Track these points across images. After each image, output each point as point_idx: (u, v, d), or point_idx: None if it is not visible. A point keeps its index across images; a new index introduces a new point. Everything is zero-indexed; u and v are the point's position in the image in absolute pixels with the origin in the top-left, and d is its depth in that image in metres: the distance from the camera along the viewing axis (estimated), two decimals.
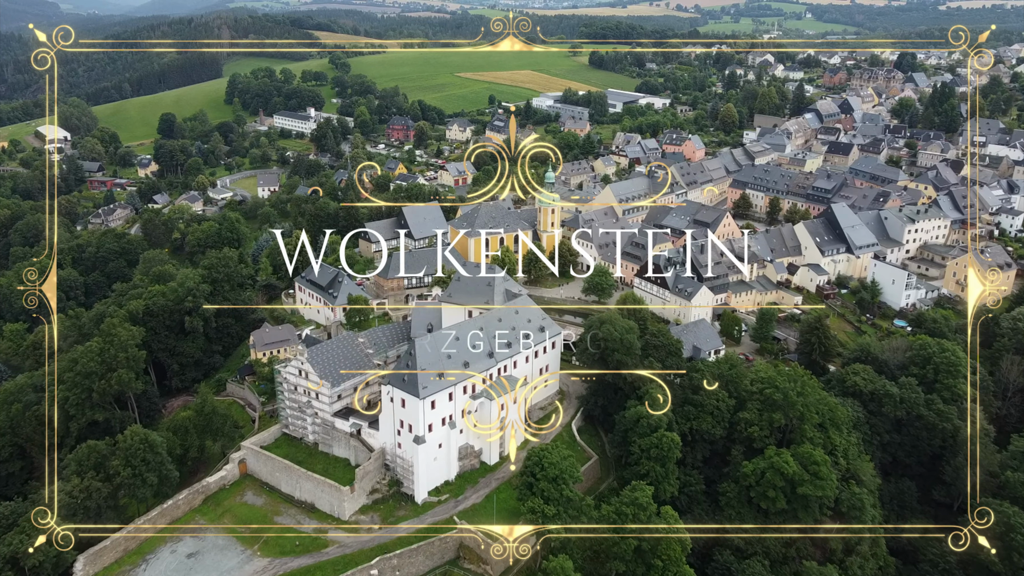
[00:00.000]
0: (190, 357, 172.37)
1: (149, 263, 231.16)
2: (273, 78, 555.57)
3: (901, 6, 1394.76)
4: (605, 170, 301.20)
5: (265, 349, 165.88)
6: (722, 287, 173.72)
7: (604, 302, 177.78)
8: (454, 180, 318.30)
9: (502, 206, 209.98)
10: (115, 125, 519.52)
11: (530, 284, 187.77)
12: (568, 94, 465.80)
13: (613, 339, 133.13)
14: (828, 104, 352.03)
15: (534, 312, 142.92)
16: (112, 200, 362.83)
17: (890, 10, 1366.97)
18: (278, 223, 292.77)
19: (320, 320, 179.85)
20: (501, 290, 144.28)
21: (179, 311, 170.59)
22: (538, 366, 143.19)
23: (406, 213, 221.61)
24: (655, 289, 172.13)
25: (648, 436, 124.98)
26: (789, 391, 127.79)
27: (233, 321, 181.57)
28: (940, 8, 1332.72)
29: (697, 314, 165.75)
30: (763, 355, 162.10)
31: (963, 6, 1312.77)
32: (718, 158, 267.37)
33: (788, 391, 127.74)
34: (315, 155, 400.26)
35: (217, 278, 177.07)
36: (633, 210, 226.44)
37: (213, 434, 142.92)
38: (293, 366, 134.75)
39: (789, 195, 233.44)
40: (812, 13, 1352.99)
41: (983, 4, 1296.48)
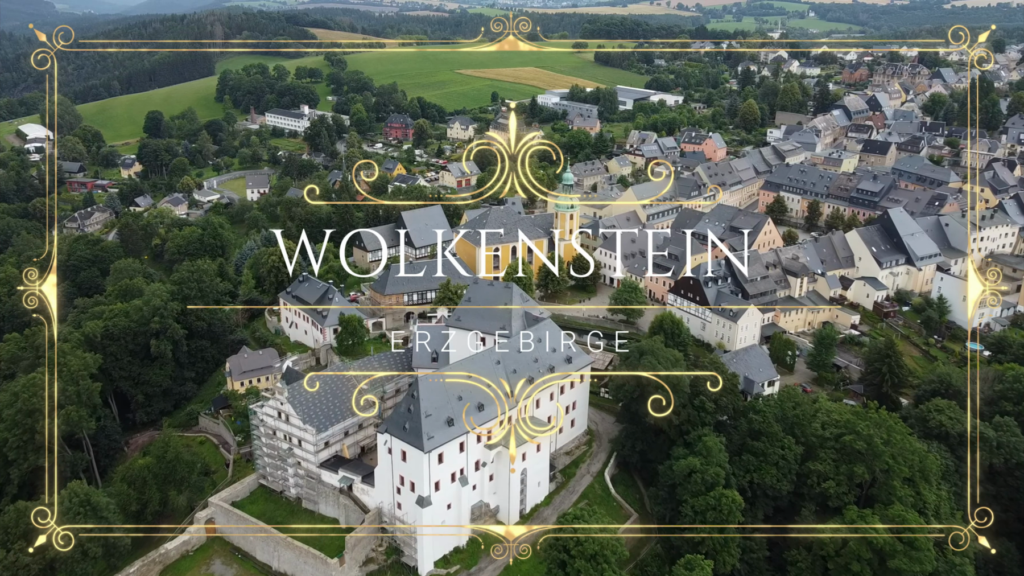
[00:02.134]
0: (157, 386, 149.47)
1: (120, 274, 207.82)
2: (266, 75, 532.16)
3: (905, 5, 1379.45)
4: (620, 171, 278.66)
5: (243, 378, 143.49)
6: (769, 305, 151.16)
7: (634, 322, 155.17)
8: (457, 181, 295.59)
9: (512, 211, 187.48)
10: (100, 124, 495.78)
11: (547, 299, 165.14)
12: (575, 91, 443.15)
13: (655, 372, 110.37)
14: (856, 100, 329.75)
15: (559, 337, 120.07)
16: (92, 202, 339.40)
17: (894, 9, 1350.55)
18: (266, 228, 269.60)
19: (308, 342, 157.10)
20: (519, 313, 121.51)
21: (144, 333, 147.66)
22: (565, 403, 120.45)
23: (406, 219, 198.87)
24: (693, 307, 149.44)
25: (703, 496, 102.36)
26: (874, 438, 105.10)
27: (208, 344, 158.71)
28: (945, 7, 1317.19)
29: (744, 338, 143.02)
30: (822, 386, 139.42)
31: (968, 5, 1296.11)
32: (746, 158, 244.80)
33: (873, 438, 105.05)
34: (308, 155, 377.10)
35: (189, 294, 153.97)
36: (657, 214, 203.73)
37: (177, 484, 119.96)
38: (271, 407, 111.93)
39: (829, 198, 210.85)
40: (815, 12, 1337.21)
41: (988, 3, 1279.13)
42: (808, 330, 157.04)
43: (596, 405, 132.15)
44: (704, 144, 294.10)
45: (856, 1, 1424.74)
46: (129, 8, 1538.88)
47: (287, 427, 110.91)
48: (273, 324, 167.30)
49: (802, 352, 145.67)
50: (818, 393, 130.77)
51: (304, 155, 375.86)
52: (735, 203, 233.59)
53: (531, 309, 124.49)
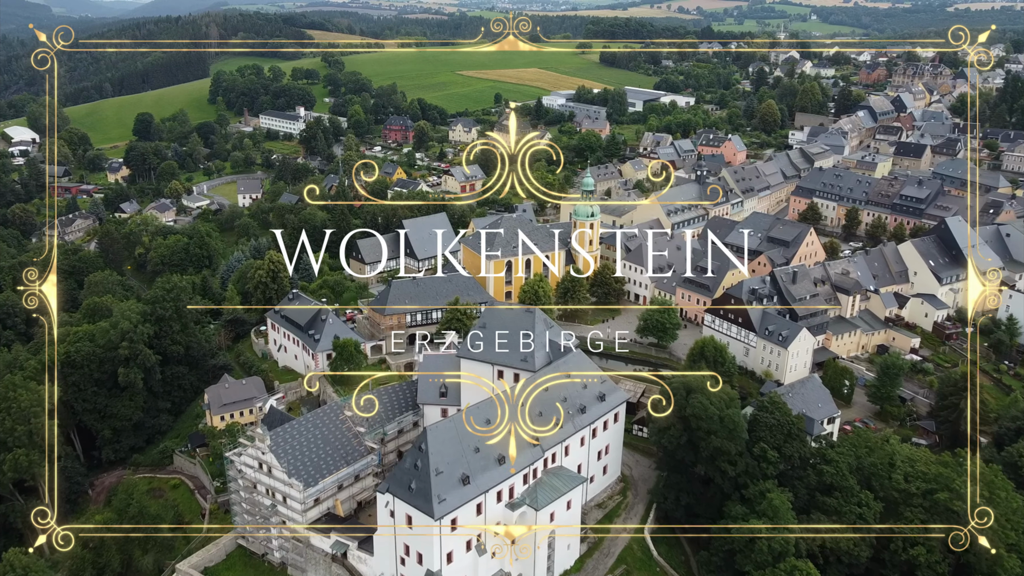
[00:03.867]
0: (126, 420, 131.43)
1: (95, 288, 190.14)
2: (261, 75, 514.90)
3: (907, 8, 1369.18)
4: (635, 175, 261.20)
5: (224, 411, 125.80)
6: (820, 327, 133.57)
7: (667, 346, 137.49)
8: (460, 186, 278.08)
9: (526, 219, 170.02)
10: (89, 127, 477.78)
11: (565, 320, 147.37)
12: (582, 92, 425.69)
13: (708, 417, 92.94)
14: (882, 101, 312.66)
15: (589, 368, 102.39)
16: (75, 208, 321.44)
17: (897, 12, 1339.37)
18: (256, 236, 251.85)
19: (299, 368, 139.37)
20: (543, 343, 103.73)
21: (111, 360, 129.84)
22: (596, 448, 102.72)
23: (407, 227, 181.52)
24: (734, 330, 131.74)
25: (771, 568, 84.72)
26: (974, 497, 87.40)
27: (186, 370, 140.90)
28: (948, 9, 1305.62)
29: (794, 366, 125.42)
30: (886, 421, 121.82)
31: (971, 8, 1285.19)
32: (773, 161, 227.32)
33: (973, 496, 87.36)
34: (303, 158, 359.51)
35: (164, 315, 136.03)
36: (682, 223, 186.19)
37: (142, 543, 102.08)
38: (251, 455, 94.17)
39: (869, 205, 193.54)
40: (817, 15, 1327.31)
41: (991, 6, 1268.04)
42: (862, 355, 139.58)
43: (628, 444, 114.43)
44: (723, 147, 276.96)
45: (857, 4, 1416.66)
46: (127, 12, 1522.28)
47: (269, 480, 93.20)
48: (260, 347, 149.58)
49: (860, 381, 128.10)
50: (886, 432, 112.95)
51: (299, 158, 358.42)
52: (763, 210, 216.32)
53: (555, 336, 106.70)
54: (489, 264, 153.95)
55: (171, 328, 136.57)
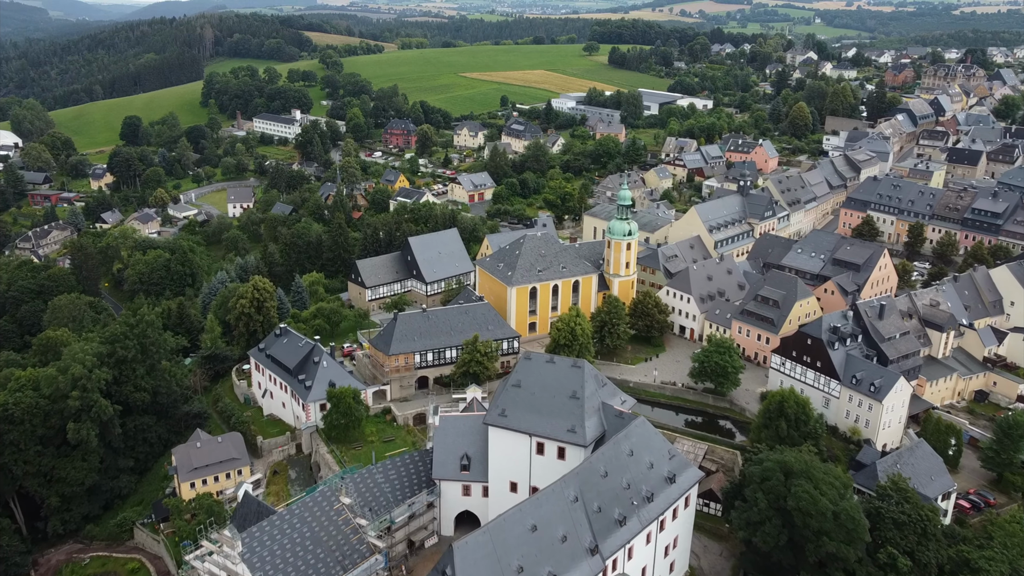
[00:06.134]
0: (78, 484, 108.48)
1: (59, 313, 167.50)
2: (255, 77, 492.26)
3: (912, 12, 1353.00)
4: (660, 184, 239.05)
5: (195, 477, 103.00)
6: (912, 371, 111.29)
7: (726, 393, 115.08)
8: (468, 195, 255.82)
9: (551, 238, 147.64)
10: (75, 130, 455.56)
11: (602, 358, 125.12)
12: (593, 95, 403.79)
13: (819, 513, 70.56)
14: (921, 104, 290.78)
15: (656, 444, 79.94)
16: (54, 218, 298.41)
17: (902, 15, 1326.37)
18: (244, 253, 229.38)
19: (287, 418, 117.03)
20: (595, 406, 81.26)
21: (59, 413, 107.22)
22: (664, 543, 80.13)
23: (413, 246, 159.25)
24: (810, 375, 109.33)
25: None
26: None
27: (153, 420, 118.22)
28: (954, 13, 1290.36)
29: (889, 422, 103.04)
30: (1006, 492, 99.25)
31: (977, 11, 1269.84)
32: (818, 170, 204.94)
33: None
34: (299, 164, 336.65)
35: (125, 357, 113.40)
36: (725, 241, 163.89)
37: None
38: (214, 564, 71.54)
39: (934, 220, 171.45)
40: (821, 18, 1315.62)
41: (998, 9, 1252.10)
42: (958, 402, 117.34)
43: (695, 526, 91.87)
44: (754, 152, 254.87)
45: (860, 8, 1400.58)
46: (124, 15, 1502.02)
47: None
48: (242, 390, 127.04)
49: (965, 437, 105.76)
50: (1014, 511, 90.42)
51: (294, 165, 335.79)
52: (809, 224, 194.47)
53: (607, 395, 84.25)
54: (511, 292, 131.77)
55: (134, 372, 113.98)
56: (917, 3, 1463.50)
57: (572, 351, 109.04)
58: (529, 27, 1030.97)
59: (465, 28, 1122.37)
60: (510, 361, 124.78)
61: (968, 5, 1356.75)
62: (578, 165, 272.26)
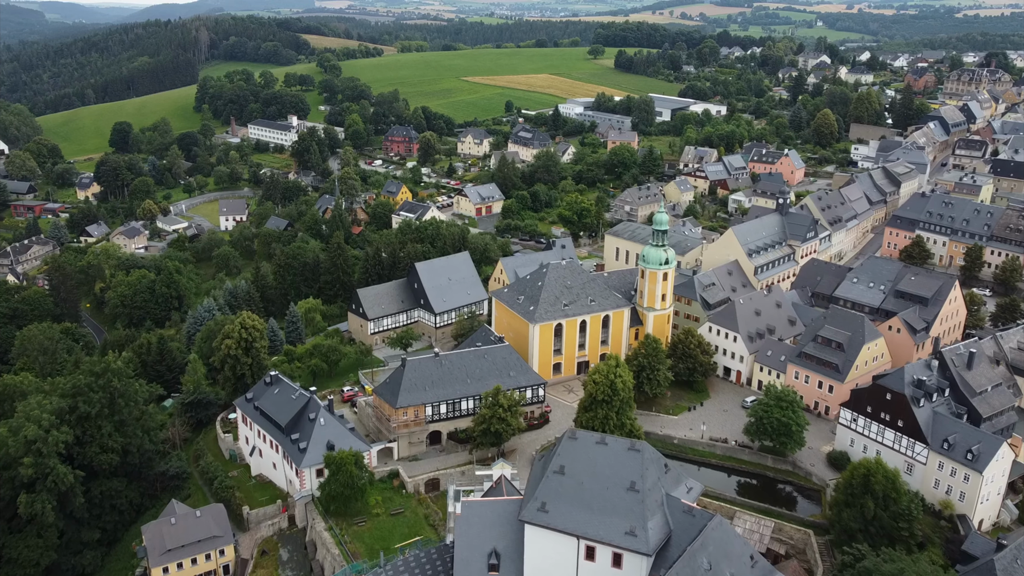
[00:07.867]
0: (32, 565, 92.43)
1: (27, 346, 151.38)
2: (251, 81, 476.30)
3: (914, 15, 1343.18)
4: (682, 197, 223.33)
5: (168, 561, 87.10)
6: (1006, 429, 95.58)
7: (786, 453, 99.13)
8: (476, 208, 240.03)
9: (577, 267, 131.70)
10: (64, 137, 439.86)
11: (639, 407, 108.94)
12: (602, 100, 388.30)
13: None
14: (952, 111, 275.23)
15: (736, 550, 63.93)
16: (37, 231, 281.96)
17: (904, 18, 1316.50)
18: (238, 269, 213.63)
19: (279, 481, 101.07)
20: (659, 500, 65.30)
21: (9, 482, 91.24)
22: None
23: (420, 272, 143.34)
24: (888, 435, 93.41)
25: None
26: None
27: (122, 484, 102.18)
28: (957, 16, 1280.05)
29: (988, 495, 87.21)
30: None
31: (980, 14, 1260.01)
32: (856, 184, 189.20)
33: None
34: (295, 174, 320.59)
35: (88, 413, 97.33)
36: (765, 267, 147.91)
37: None
38: None
39: (993, 241, 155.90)
40: (823, 21, 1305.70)
41: (1002, 12, 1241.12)
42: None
43: None
44: (779, 163, 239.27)
45: (862, 11, 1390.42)
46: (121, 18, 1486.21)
47: None
48: (227, 444, 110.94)
49: None
50: None
51: (291, 174, 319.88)
52: (850, 245, 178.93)
53: (670, 484, 68.39)
54: (534, 329, 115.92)
55: (100, 430, 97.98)
56: (918, 6, 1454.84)
57: (612, 408, 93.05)
58: (530, 30, 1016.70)
59: (465, 31, 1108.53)
60: (534, 411, 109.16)
61: (971, 8, 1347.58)
62: (591, 176, 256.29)
